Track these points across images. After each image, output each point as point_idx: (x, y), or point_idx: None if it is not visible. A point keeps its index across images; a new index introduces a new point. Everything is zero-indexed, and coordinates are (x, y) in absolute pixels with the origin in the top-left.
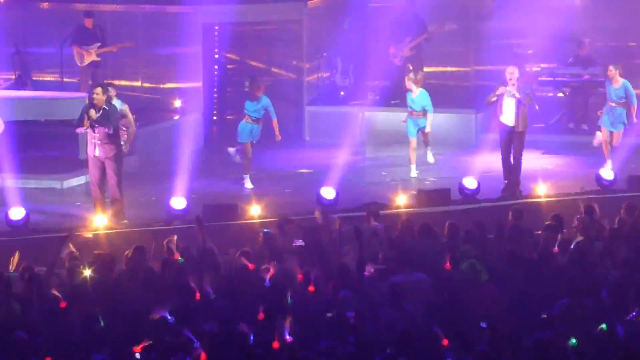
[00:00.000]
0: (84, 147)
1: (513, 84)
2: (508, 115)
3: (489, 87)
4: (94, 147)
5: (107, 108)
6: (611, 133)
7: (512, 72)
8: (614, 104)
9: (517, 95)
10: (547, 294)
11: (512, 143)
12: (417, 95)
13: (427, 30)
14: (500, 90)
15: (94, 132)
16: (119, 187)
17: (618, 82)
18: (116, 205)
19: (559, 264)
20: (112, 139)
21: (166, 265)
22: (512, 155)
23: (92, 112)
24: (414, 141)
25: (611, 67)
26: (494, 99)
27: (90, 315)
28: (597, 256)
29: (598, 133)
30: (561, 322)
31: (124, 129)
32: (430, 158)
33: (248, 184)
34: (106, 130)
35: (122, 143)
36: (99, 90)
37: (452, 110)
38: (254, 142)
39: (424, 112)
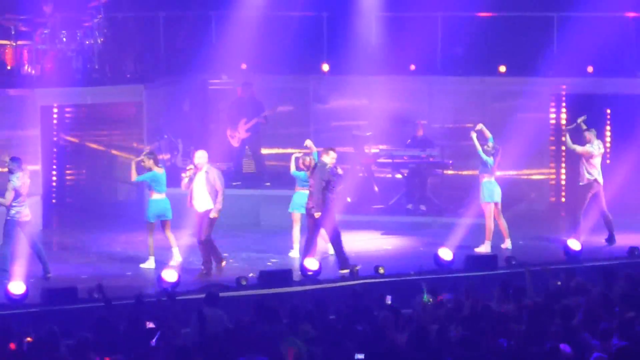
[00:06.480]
0: None
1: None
2: (198, 198)
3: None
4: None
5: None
6: (497, 204)
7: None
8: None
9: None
10: None
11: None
12: None
13: (263, 111)
14: (189, 172)
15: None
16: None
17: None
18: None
19: (396, 343)
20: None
21: None
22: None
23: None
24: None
25: (491, 143)
26: (187, 180)
27: None
28: (435, 336)
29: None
30: None
31: None
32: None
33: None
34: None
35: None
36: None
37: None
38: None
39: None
